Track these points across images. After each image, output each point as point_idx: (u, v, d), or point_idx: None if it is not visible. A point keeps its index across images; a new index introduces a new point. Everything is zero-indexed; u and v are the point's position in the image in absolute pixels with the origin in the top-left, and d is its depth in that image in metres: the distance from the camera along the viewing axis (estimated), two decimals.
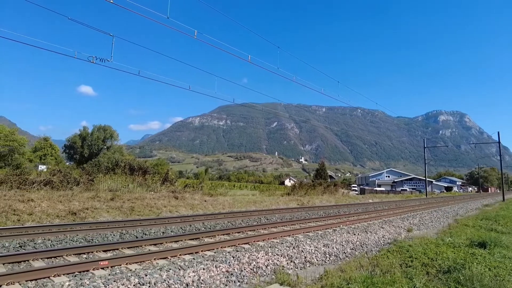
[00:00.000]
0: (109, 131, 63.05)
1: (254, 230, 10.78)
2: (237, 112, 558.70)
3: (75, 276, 5.44)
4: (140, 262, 6.42)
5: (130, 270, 5.84)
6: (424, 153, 53.37)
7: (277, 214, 16.34)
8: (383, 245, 9.51)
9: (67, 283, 4.90)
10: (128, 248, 7.62)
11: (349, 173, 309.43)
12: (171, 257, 6.88)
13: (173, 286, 5.09)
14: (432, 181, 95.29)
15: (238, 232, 10.23)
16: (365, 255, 7.93)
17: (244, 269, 6.20)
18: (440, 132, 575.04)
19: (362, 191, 67.81)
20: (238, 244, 8.33)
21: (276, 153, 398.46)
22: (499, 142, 43.44)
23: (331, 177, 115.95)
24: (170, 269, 5.79)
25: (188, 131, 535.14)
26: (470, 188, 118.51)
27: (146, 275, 5.32)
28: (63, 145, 63.89)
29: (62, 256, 6.68)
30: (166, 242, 8.39)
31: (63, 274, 5.46)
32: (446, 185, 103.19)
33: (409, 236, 11.09)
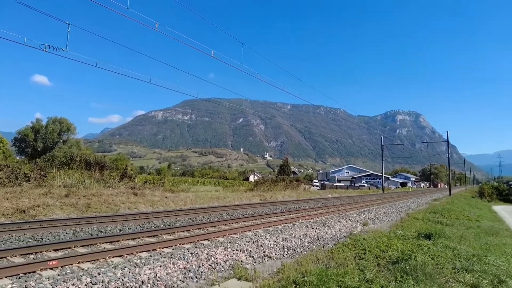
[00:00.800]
0: (66, 124, 59.63)
1: (215, 226, 10.76)
2: (203, 107, 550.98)
3: (19, 278, 5.13)
4: (94, 260, 6.19)
5: (82, 269, 5.61)
6: (382, 150, 55.98)
7: (239, 209, 16.42)
8: (340, 238, 9.90)
9: (9, 286, 4.61)
10: (81, 246, 7.31)
11: (311, 169, 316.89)
12: (127, 254, 6.70)
13: (127, 284, 4.97)
14: (388, 177, 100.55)
15: (198, 229, 10.16)
16: (322, 248, 8.21)
17: (202, 265, 6.19)
18: (397, 131, 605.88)
19: (323, 187, 69.80)
20: (198, 240, 8.28)
21: (242, 149, 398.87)
22: (447, 141, 46.68)
23: (294, 173, 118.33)
24: (125, 267, 5.64)
25: (151, 125, 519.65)
26: (423, 184, 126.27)
27: (99, 274, 5.15)
28: (12, 138, 59.49)
29: (5, 257, 6.26)
30: (122, 240, 8.15)
31: (5, 277, 5.12)
32: (401, 181, 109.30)
33: (364, 229, 11.63)
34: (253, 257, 7.10)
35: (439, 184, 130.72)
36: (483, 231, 13.76)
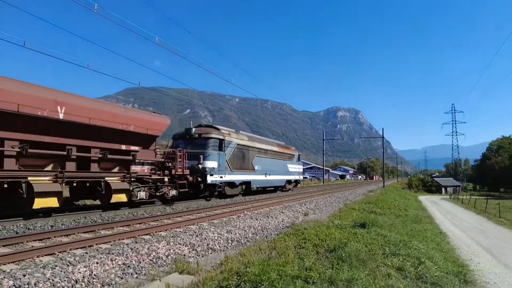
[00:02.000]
0: None
1: (157, 220, 10.44)
2: (147, 96, 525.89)
3: None
4: (19, 261, 5.64)
5: (4, 271, 5.07)
6: (323, 144, 58.71)
7: (183, 203, 16.11)
8: (282, 228, 10.22)
9: None
10: (4, 246, 6.62)
11: None
12: (59, 252, 6.22)
13: (58, 285, 4.62)
14: (329, 170, 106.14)
15: (139, 223, 9.78)
16: (265, 239, 8.41)
17: (143, 261, 5.99)
18: (338, 126, 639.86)
19: None
20: (139, 235, 7.97)
21: None
22: (383, 137, 50.48)
23: None
24: (56, 266, 5.23)
25: None
26: (360, 176, 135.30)
27: (24, 276, 4.70)
28: None
29: None
30: (54, 237, 7.55)
31: None
32: (340, 174, 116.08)
33: (306, 219, 12.15)
34: (196, 250, 7.04)
35: (374, 177, 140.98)
36: (410, 219, 15.20)
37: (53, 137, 9.55)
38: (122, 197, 11.49)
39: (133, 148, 12.12)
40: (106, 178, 11.22)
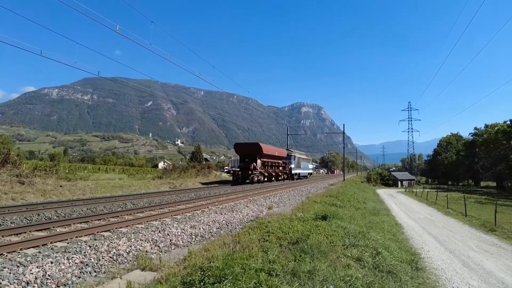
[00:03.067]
0: None
1: (117, 216, 10.08)
2: (106, 86, 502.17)
3: None
4: None
5: None
6: (287, 139, 59.65)
7: (145, 198, 15.70)
8: (247, 222, 10.28)
9: None
10: None
11: (223, 156, 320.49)
12: (8, 253, 5.81)
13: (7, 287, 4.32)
14: None
15: (98, 220, 9.39)
16: (230, 233, 8.42)
17: (103, 258, 5.78)
18: (302, 121, 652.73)
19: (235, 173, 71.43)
20: (98, 232, 7.65)
21: (151, 134, 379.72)
22: (343, 133, 52.22)
23: (206, 159, 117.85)
24: (4, 267, 4.88)
25: (43, 105, 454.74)
26: (322, 170, 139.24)
27: None
28: None
29: None
30: (2, 236, 7.03)
31: None
32: None
33: (269, 213, 12.31)
34: (159, 246, 6.89)
35: (335, 171, 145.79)
36: (368, 211, 15.93)
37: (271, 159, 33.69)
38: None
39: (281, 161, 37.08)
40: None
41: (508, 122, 61.35)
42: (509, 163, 61.18)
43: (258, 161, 31.00)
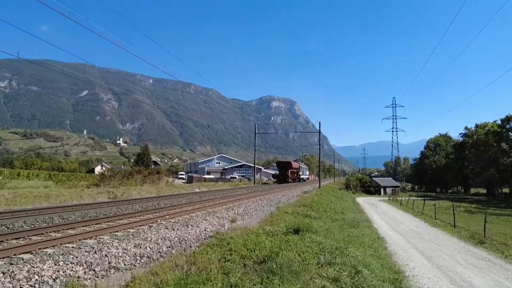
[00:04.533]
0: None
1: (42, 234, 9.62)
2: (28, 70, 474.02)
3: None
4: None
5: None
6: (255, 139, 60.06)
7: (78, 211, 15.12)
8: (204, 239, 10.21)
9: None
10: None
11: (177, 159, 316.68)
12: None
13: None
14: (261, 169, 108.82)
15: (16, 238, 8.90)
16: (183, 252, 8.32)
17: (22, 287, 5.50)
18: (272, 118, 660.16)
19: (190, 180, 70.85)
20: (15, 254, 7.25)
21: (85, 131, 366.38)
22: (319, 132, 53.47)
23: (155, 163, 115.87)
24: None
25: None
26: None
27: None
28: None
29: None
30: None
31: None
32: (273, 173, 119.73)
33: (233, 227, 12.32)
34: (94, 270, 6.67)
35: (310, 176, 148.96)
36: (347, 223, 16.42)
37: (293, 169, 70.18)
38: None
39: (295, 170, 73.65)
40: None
41: (499, 122, 65.20)
42: (499, 167, 65.44)
43: (289, 171, 66.23)
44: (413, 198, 47.20)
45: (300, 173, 77.54)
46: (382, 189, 74.20)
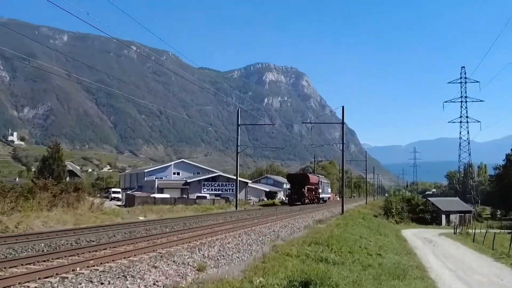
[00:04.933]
0: None
1: None
2: None
3: None
4: None
5: None
6: (237, 134, 59.82)
7: None
8: None
9: None
10: None
11: (108, 167, 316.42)
12: None
13: None
14: (247, 183, 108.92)
15: None
16: None
17: None
18: (266, 100, 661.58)
19: (130, 201, 70.26)
20: None
21: None
22: (342, 123, 53.39)
23: (73, 173, 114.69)
24: None
25: None
26: None
27: None
28: None
29: None
30: None
31: None
32: (267, 190, 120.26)
33: (200, 279, 12.20)
34: None
35: (331, 195, 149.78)
36: (386, 271, 16.44)
37: (310, 185, 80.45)
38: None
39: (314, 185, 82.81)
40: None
41: None
42: None
43: (305, 188, 74.04)
44: (493, 231, 47.56)
45: (320, 190, 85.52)
46: (443, 216, 74.89)
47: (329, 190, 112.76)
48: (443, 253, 31.87)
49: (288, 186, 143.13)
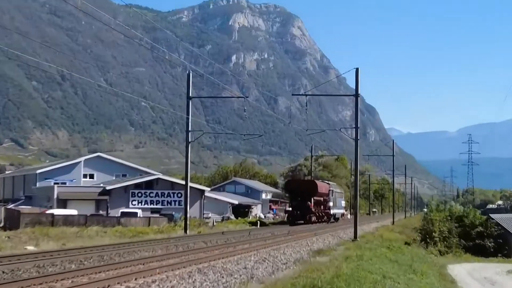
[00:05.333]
0: None
1: None
2: None
3: None
4: None
5: None
6: (188, 113, 59.95)
7: None
8: None
9: None
10: None
11: None
12: None
13: None
14: (204, 191, 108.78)
15: None
16: None
17: None
18: (235, 58, 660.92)
19: (14, 220, 69.81)
20: None
21: None
22: (356, 96, 53.83)
23: None
24: None
25: None
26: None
27: None
28: None
29: None
30: None
31: None
32: (236, 202, 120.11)
33: None
34: None
35: (338, 212, 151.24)
36: None
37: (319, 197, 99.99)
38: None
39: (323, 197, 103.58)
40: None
41: None
42: None
43: (312, 200, 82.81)
44: None
45: (331, 203, 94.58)
46: None
47: (343, 203, 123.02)
48: None
49: (270, 197, 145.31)
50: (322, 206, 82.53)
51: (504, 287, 40.18)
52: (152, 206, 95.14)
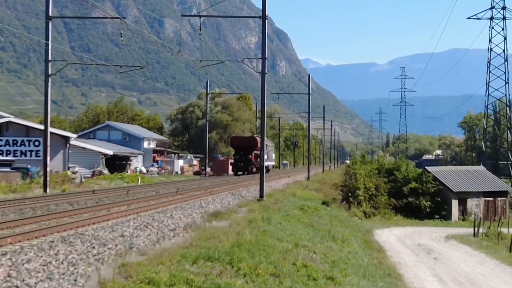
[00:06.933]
0: None
1: None
2: None
3: None
4: None
5: None
6: (48, 37, 59.54)
7: None
8: None
9: None
10: None
11: None
12: None
13: None
14: (69, 138, 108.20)
15: None
16: None
17: None
18: None
19: None
20: None
21: None
22: (263, 17, 54.18)
23: None
24: None
25: None
26: (184, 161, 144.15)
27: None
28: None
29: None
30: None
31: None
32: (111, 152, 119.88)
33: None
34: None
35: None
36: None
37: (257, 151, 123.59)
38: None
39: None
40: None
41: None
42: None
43: (252, 153, 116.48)
44: None
45: (266, 156, 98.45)
46: (454, 203, 76.56)
47: (273, 155, 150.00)
48: (453, 275, 33.11)
49: (154, 146, 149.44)
50: (259, 159, 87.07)
51: (440, 254, 41.05)
52: (0, 157, 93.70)
